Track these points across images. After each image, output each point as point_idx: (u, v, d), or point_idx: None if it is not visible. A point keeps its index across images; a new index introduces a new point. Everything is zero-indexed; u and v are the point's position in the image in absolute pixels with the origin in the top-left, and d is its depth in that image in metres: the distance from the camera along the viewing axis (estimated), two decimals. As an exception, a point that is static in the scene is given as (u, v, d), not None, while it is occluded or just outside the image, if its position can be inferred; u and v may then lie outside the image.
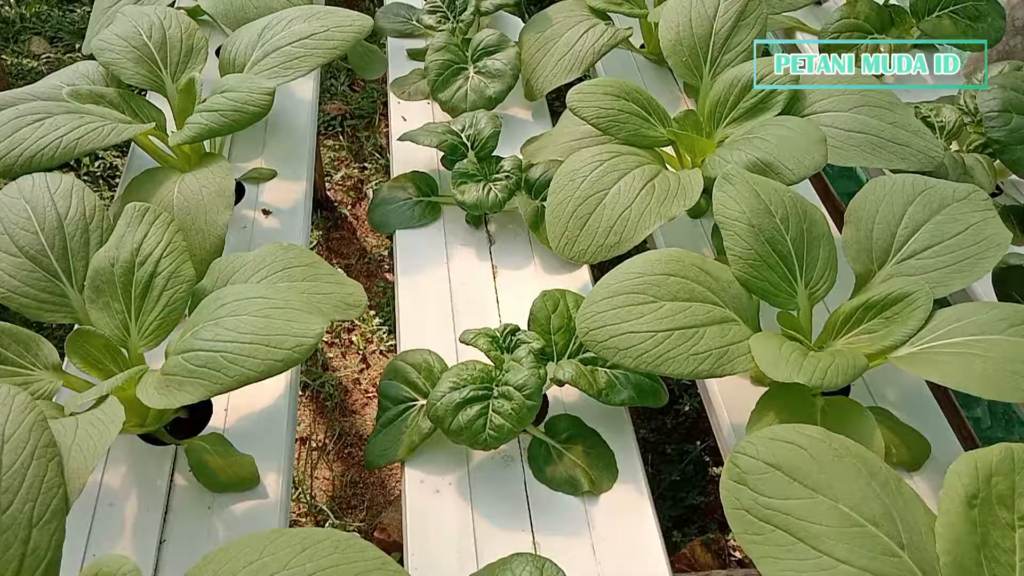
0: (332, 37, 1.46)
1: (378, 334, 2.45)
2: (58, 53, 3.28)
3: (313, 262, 1.25)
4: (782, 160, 1.34)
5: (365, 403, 2.31)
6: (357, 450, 2.17)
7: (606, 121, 1.50)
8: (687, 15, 1.63)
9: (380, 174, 2.90)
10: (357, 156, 2.98)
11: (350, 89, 3.19)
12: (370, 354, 2.42)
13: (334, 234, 2.73)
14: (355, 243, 2.74)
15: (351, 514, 2.07)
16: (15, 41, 3.30)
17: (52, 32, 3.36)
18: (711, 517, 2.05)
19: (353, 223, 2.79)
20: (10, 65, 3.15)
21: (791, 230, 1.27)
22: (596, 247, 1.37)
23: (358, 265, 2.64)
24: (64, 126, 1.30)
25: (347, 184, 2.88)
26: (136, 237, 1.16)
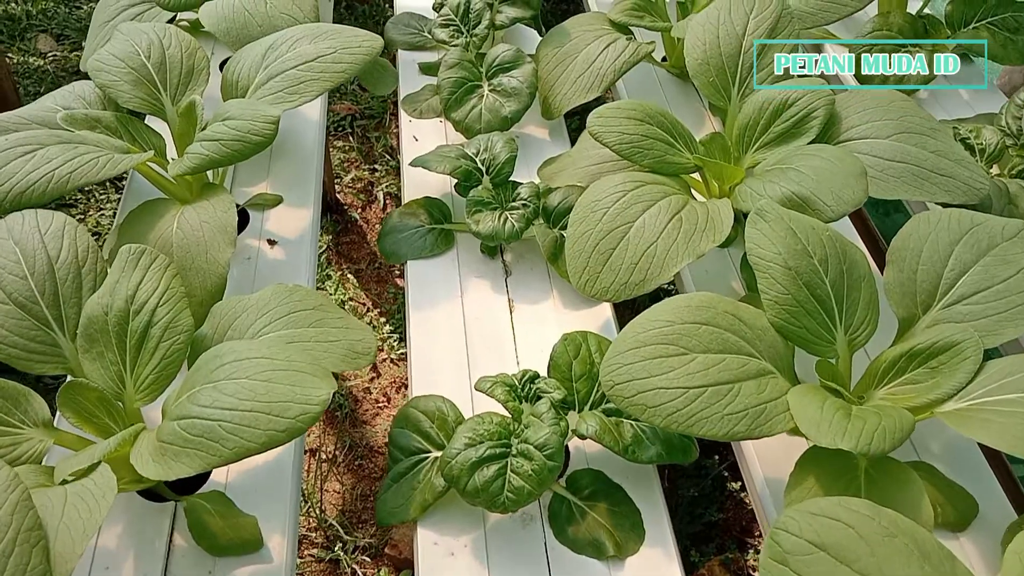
0: (340, 60, 1.37)
1: (388, 342, 2.39)
2: (64, 51, 3.22)
3: (319, 305, 1.18)
4: (820, 195, 1.26)
5: (376, 413, 2.25)
6: (367, 462, 2.11)
7: (629, 148, 1.41)
8: (714, 33, 1.54)
9: (391, 176, 2.83)
10: (367, 157, 2.90)
11: (360, 88, 3.12)
12: (380, 362, 2.36)
13: (343, 238, 2.66)
14: (365, 247, 2.68)
15: (361, 529, 2.01)
16: (21, 39, 3.24)
17: (59, 29, 3.29)
18: (729, 535, 1.98)
19: (363, 227, 2.72)
20: (16, 64, 3.09)
21: (830, 272, 1.19)
22: (619, 285, 1.29)
23: (368, 270, 2.58)
24: (56, 158, 1.23)
25: (357, 187, 2.81)
26: (131, 283, 1.09)
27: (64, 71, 3.11)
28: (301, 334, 1.12)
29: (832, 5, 1.68)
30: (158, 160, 1.42)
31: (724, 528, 2.00)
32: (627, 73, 1.69)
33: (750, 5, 1.55)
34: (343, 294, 2.49)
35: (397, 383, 2.34)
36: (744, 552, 1.94)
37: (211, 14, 1.55)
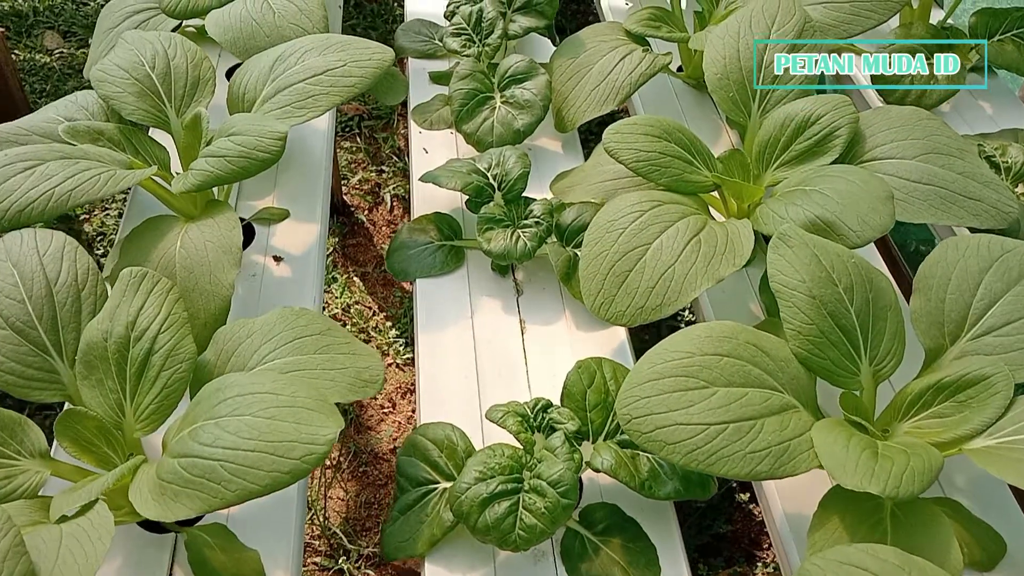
0: (350, 73, 1.33)
1: (394, 347, 2.35)
2: (71, 48, 3.18)
3: (326, 329, 1.14)
4: (845, 219, 1.21)
5: (380, 419, 2.22)
6: (372, 468, 2.08)
7: (646, 166, 1.37)
8: (734, 46, 1.50)
9: (398, 177, 2.79)
10: (375, 159, 2.86)
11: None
12: (386, 367, 2.32)
13: (350, 240, 2.63)
14: (372, 250, 2.64)
15: (365, 537, 1.98)
16: (28, 35, 3.21)
17: (66, 26, 3.26)
18: (738, 547, 1.94)
19: (370, 229, 2.68)
20: (23, 60, 3.06)
21: (856, 301, 1.14)
22: (635, 309, 1.25)
23: (375, 273, 2.54)
24: (57, 175, 1.19)
25: (364, 188, 2.77)
26: (132, 308, 1.05)
27: (71, 68, 3.08)
28: (307, 361, 1.09)
29: (855, 18, 1.63)
30: (162, 174, 1.38)
31: (733, 540, 1.96)
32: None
33: (771, 18, 1.51)
34: (349, 297, 2.45)
35: (403, 388, 2.30)
36: (753, 566, 1.91)
37: (218, 23, 1.51)
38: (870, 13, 1.63)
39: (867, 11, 1.63)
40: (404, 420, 2.22)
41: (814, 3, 1.66)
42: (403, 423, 2.21)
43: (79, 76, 3.04)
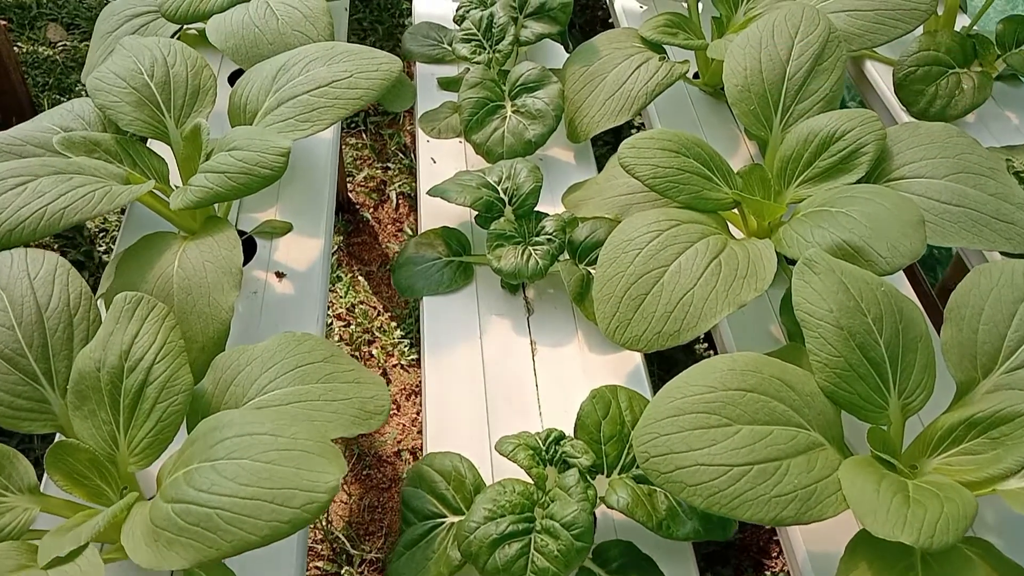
0: (356, 85, 1.28)
1: (399, 347, 2.31)
2: (74, 41, 3.14)
3: (329, 356, 1.09)
4: (873, 245, 1.16)
5: (385, 420, 2.17)
6: (376, 471, 2.04)
7: (663, 182, 1.32)
8: (756, 58, 1.44)
9: (404, 175, 2.74)
10: (380, 155, 2.81)
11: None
12: (391, 368, 2.28)
13: (355, 239, 2.58)
14: (377, 248, 2.59)
15: (368, 541, 1.94)
16: (31, 28, 3.16)
17: (69, 19, 3.21)
18: (747, 555, 1.90)
19: (375, 227, 2.64)
20: (26, 53, 3.01)
21: (885, 332, 1.09)
22: (652, 335, 1.20)
23: (379, 273, 2.50)
24: (50, 191, 1.14)
25: (369, 185, 2.73)
26: (126, 337, 1.00)
27: (74, 61, 3.03)
28: (309, 392, 1.04)
29: (880, 27, 1.57)
30: (161, 187, 1.33)
31: (741, 548, 1.91)
32: (657, 93, 1.60)
33: (795, 28, 1.45)
34: (353, 297, 2.41)
35: (407, 390, 2.26)
36: (760, 573, 1.86)
37: (219, 30, 1.45)
38: (896, 22, 1.57)
39: (893, 20, 1.57)
40: (408, 422, 2.18)
41: (837, 11, 1.60)
42: (407, 425, 2.17)
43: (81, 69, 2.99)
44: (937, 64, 1.75)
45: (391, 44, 3.16)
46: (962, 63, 1.77)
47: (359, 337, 2.31)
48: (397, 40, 3.18)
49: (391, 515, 2.01)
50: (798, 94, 1.42)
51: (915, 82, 1.75)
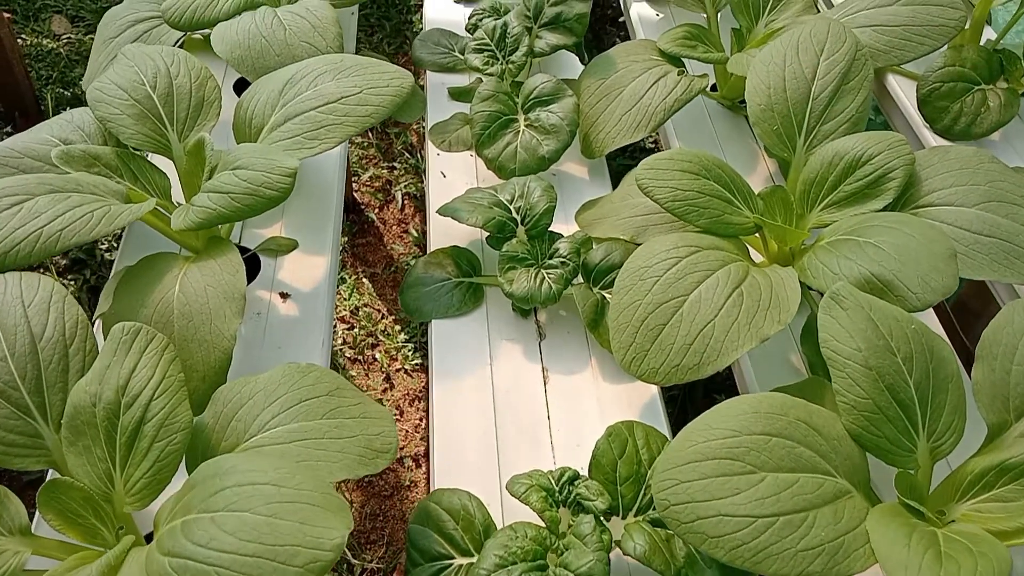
0: (366, 101, 1.23)
1: (403, 351, 2.27)
2: (79, 33, 3.09)
3: (335, 389, 1.05)
4: (904, 279, 1.11)
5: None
6: (378, 479, 2.01)
7: (683, 206, 1.27)
8: (779, 75, 1.39)
9: (409, 175, 2.70)
10: (386, 155, 2.77)
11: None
12: (394, 372, 2.25)
13: (360, 240, 2.54)
14: (381, 250, 2.55)
15: (370, 550, 1.91)
16: (36, 19, 3.12)
17: (74, 11, 3.17)
18: None
19: (380, 228, 2.60)
20: (29, 46, 2.97)
21: (915, 372, 1.04)
22: (670, 368, 1.15)
23: (384, 275, 2.46)
24: (46, 212, 1.09)
25: (375, 185, 2.68)
26: (123, 370, 0.96)
27: (78, 55, 2.99)
28: (313, 428, 0.99)
29: (907, 43, 1.52)
30: (162, 203, 1.28)
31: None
32: (675, 107, 1.55)
33: (820, 45, 1.40)
34: (358, 300, 2.38)
35: (411, 395, 2.23)
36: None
37: (224, 40, 1.40)
38: (923, 39, 1.52)
39: (920, 36, 1.52)
40: (412, 428, 2.14)
41: (862, 26, 1.55)
42: (411, 431, 2.14)
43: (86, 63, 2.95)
44: (962, 80, 1.70)
45: (399, 41, 3.11)
46: (988, 79, 1.71)
47: (363, 340, 2.27)
48: (405, 37, 3.13)
49: (393, 523, 1.98)
50: (823, 114, 1.37)
51: (939, 98, 1.70)
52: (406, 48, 3.10)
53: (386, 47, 3.10)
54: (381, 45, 3.10)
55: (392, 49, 3.09)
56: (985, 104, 1.69)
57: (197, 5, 1.49)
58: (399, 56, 3.08)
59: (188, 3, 1.50)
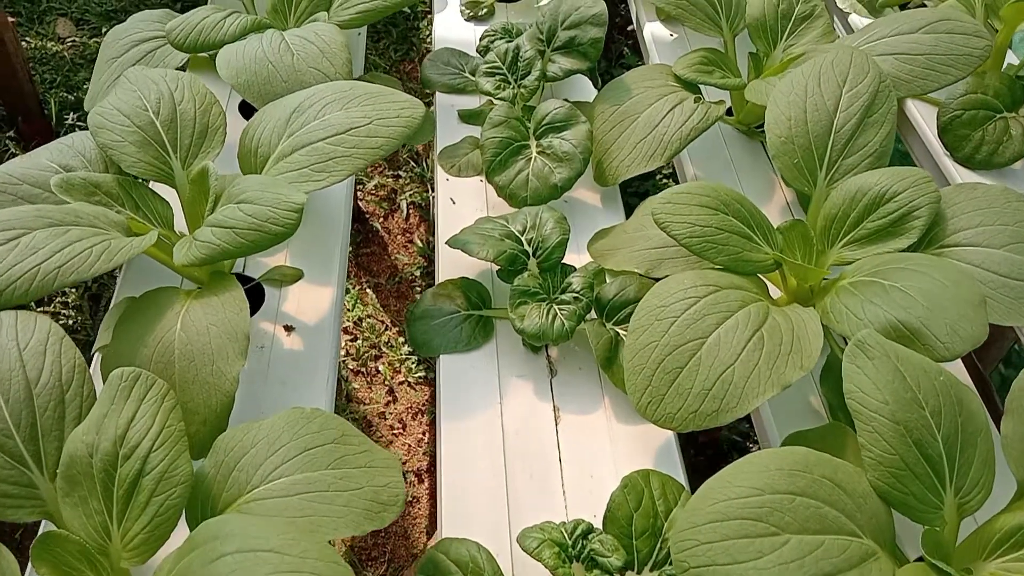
0: (376, 133, 1.19)
1: (407, 364, 2.24)
2: (84, 37, 3.06)
3: (341, 436, 1.01)
4: (931, 327, 1.07)
5: (390, 440, 2.11)
6: None
7: (701, 242, 1.23)
8: (800, 107, 1.35)
9: (415, 184, 2.67)
10: (391, 163, 2.74)
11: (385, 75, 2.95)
12: (397, 385, 2.22)
13: (364, 249, 2.51)
14: (386, 260, 2.52)
15: (371, 567, 1.88)
16: (40, 22, 3.09)
17: (79, 14, 3.14)
18: None
19: (384, 237, 2.57)
20: (34, 48, 2.94)
21: (943, 427, 1.01)
22: (688, 413, 1.11)
23: (388, 285, 2.43)
24: (44, 247, 1.05)
25: (380, 194, 2.65)
26: (122, 419, 0.92)
27: (83, 58, 2.96)
28: (318, 480, 0.95)
29: (930, 72, 1.48)
30: (165, 234, 1.25)
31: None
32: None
33: (843, 76, 1.36)
34: (361, 310, 2.35)
35: (414, 408, 2.19)
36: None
37: (230, 64, 1.36)
38: (947, 68, 1.48)
39: (944, 66, 1.48)
40: (414, 443, 2.12)
41: (884, 54, 1.51)
42: (413, 445, 2.11)
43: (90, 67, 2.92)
44: (984, 108, 1.66)
45: (405, 47, 3.08)
46: (1010, 107, 1.67)
47: (366, 352, 2.25)
48: (411, 43, 3.09)
49: (395, 540, 1.94)
50: (845, 148, 1.33)
51: (960, 126, 1.66)
52: (412, 55, 3.07)
53: (392, 54, 3.07)
54: (388, 51, 3.07)
55: (399, 56, 3.06)
56: (1007, 133, 1.65)
57: (203, 27, 1.46)
58: (405, 63, 3.05)
59: (193, 24, 1.46)
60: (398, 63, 3.07)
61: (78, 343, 2.18)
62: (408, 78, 3.01)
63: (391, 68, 3.04)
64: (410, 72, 3.05)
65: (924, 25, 1.51)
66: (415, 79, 2.97)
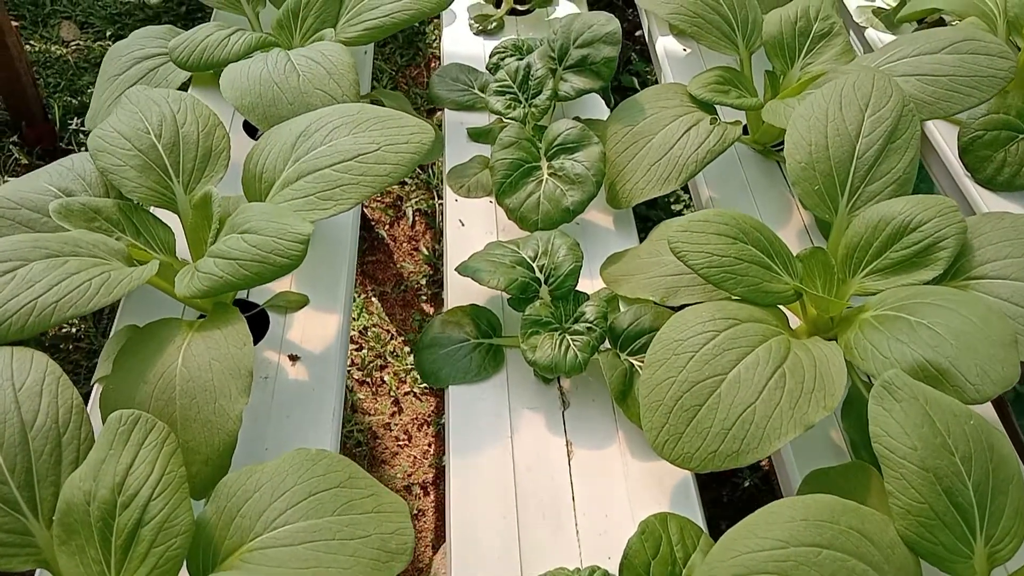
0: (384, 160, 1.15)
1: (412, 374, 2.21)
2: (88, 40, 3.03)
3: (346, 479, 0.97)
4: (961, 368, 1.03)
5: (395, 452, 2.08)
6: None
7: (719, 273, 1.19)
8: (821, 132, 1.31)
9: (420, 191, 2.63)
10: (396, 169, 2.69)
11: (392, 90, 2.91)
12: (403, 395, 2.19)
13: (369, 257, 2.48)
14: (391, 268, 2.49)
15: None
16: (44, 25, 3.05)
17: (83, 17, 3.10)
18: None
19: (390, 245, 2.53)
20: (37, 52, 2.91)
21: (974, 473, 0.97)
22: (707, 454, 1.07)
23: (394, 294, 2.40)
24: (41, 280, 1.02)
25: (385, 201, 2.62)
26: (120, 466, 0.88)
27: (87, 62, 2.93)
28: (323, 528, 0.92)
29: (954, 94, 1.44)
30: (168, 261, 1.21)
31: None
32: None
33: (865, 99, 1.32)
34: (367, 319, 2.31)
35: (419, 420, 2.16)
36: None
37: (234, 85, 1.32)
38: (971, 90, 1.44)
39: (968, 88, 1.44)
40: (420, 454, 2.08)
41: (905, 75, 1.47)
42: (419, 457, 2.08)
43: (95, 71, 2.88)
44: (1007, 128, 1.62)
45: (411, 52, 3.04)
46: (1034, 127, 1.63)
47: (371, 362, 2.21)
48: (417, 48, 3.05)
49: (398, 557, 1.91)
50: (868, 175, 1.29)
51: (982, 147, 1.62)
52: (418, 59, 3.03)
53: (398, 58, 3.03)
54: (393, 56, 3.04)
55: (405, 60, 3.03)
56: (1031, 154, 1.61)
57: (207, 44, 1.42)
58: (411, 68, 3.01)
59: (197, 42, 1.43)
60: (404, 68, 3.04)
61: (81, 352, 2.15)
62: (414, 83, 2.97)
63: (397, 73, 3.00)
64: (415, 77, 3.02)
65: (947, 45, 1.47)
66: (420, 84, 2.94)
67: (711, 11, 1.56)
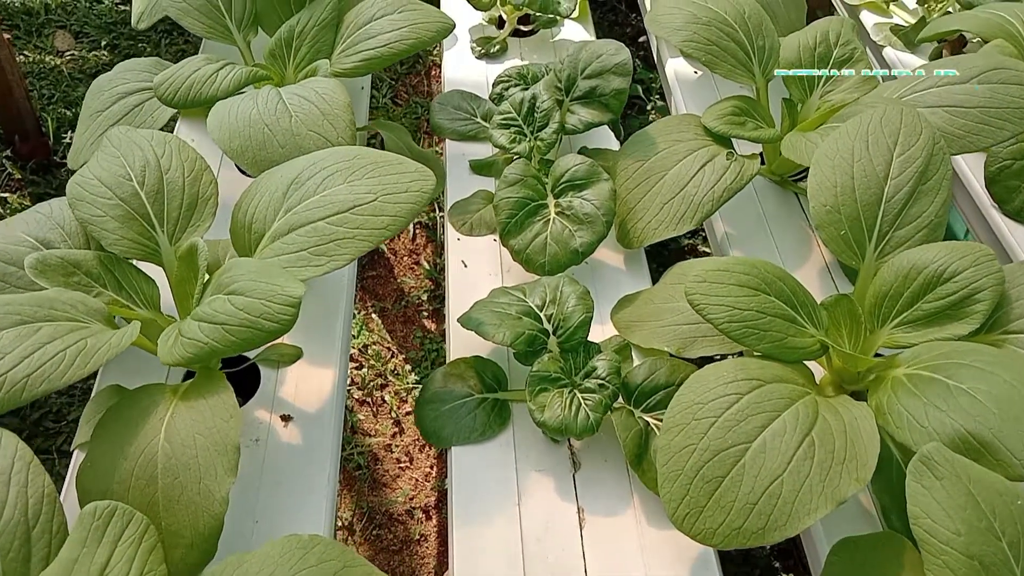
0: (382, 211, 1.07)
1: (413, 393, 2.14)
2: (83, 50, 2.96)
3: (342, 568, 0.89)
4: (1005, 441, 0.95)
5: (397, 474, 2.01)
6: (386, 531, 1.88)
7: (741, 328, 1.12)
8: (847, 172, 1.23)
9: None
10: (398, 182, 2.62)
11: (392, 103, 2.84)
12: (404, 416, 2.12)
13: (369, 272, 2.41)
14: (392, 283, 2.42)
15: None
16: (38, 35, 2.98)
17: (78, 26, 3.03)
18: None
19: (390, 259, 2.46)
20: (31, 62, 2.83)
21: (1022, 560, 0.89)
22: (731, 530, 0.99)
23: (394, 310, 2.33)
24: (11, 353, 0.94)
25: None
26: (94, 566, 0.81)
27: (81, 72, 2.85)
28: (318, 629, 0.84)
29: (985, 127, 1.36)
30: (151, 317, 1.14)
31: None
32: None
33: (893, 137, 1.24)
34: (367, 337, 2.24)
35: (421, 441, 2.09)
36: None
37: (222, 126, 1.24)
38: (1003, 123, 1.36)
39: (999, 120, 1.36)
40: (422, 477, 2.01)
41: (932, 107, 1.39)
42: (420, 480, 2.01)
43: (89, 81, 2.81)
44: (1036, 157, 1.54)
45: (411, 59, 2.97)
46: (1063, 156, 1.56)
47: (371, 381, 2.15)
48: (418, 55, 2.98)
49: (402, 579, 1.85)
50: (897, 219, 1.21)
51: (1010, 177, 1.54)
52: (419, 67, 2.96)
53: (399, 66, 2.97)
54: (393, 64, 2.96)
55: (404, 68, 2.96)
56: (1061, 183, 1.54)
57: (193, 80, 1.34)
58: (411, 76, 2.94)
59: (184, 78, 1.34)
60: (404, 76, 2.97)
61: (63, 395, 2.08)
62: (414, 91, 2.90)
63: (396, 81, 2.93)
64: (416, 86, 2.95)
65: (977, 74, 1.39)
66: (421, 92, 2.87)
67: (726, 38, 1.48)
